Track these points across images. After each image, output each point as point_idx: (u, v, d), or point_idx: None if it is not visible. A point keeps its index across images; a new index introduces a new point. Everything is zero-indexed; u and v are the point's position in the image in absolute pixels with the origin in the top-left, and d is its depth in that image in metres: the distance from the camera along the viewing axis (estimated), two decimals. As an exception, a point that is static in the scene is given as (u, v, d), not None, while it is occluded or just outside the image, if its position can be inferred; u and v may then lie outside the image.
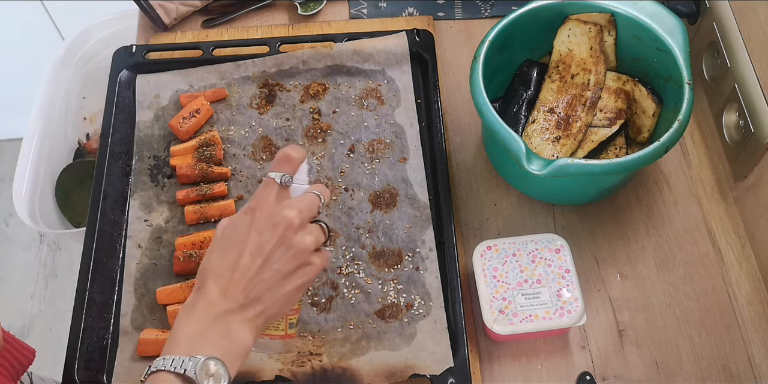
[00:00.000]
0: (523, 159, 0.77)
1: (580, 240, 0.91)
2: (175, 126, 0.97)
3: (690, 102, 0.81)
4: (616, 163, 0.78)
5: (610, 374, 0.83)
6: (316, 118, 0.99)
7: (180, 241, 0.90)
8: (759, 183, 0.87)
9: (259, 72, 1.02)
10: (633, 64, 0.92)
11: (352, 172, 0.95)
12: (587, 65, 0.91)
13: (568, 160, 0.77)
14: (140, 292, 0.88)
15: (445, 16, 1.12)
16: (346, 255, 0.89)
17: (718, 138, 0.95)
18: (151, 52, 1.05)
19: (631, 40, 0.90)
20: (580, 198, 0.93)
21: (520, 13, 0.88)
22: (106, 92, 1.01)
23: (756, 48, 0.84)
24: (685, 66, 0.83)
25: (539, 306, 0.79)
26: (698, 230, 0.92)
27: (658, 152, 0.79)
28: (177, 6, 1.10)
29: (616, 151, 0.91)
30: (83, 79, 1.75)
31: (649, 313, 0.86)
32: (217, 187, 0.93)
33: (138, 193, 0.94)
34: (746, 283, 0.88)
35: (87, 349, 0.83)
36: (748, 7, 0.85)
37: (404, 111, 0.99)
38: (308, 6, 1.12)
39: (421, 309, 0.85)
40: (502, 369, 0.84)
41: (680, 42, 0.85)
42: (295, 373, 0.80)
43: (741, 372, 0.83)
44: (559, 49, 0.93)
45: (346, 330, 0.84)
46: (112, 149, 0.97)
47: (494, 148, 0.94)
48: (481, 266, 0.81)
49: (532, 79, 0.93)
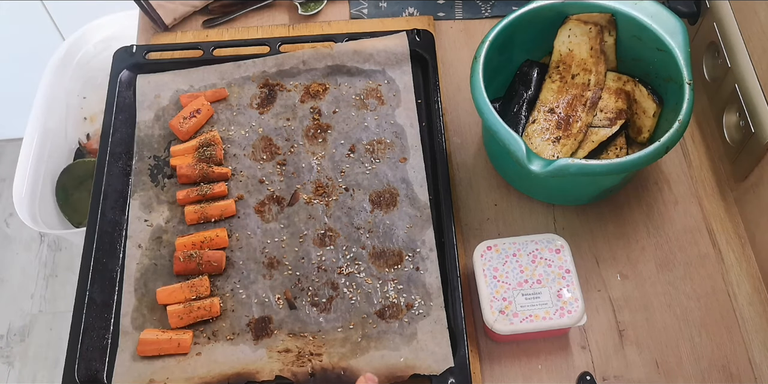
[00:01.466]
0: (524, 159, 0.77)
1: (580, 240, 0.91)
2: (176, 126, 0.97)
3: (690, 102, 0.81)
4: (616, 163, 0.78)
5: (611, 374, 0.83)
6: (317, 118, 0.99)
7: (180, 241, 0.90)
8: (759, 183, 0.87)
9: (259, 72, 1.02)
10: (633, 64, 0.92)
11: (352, 172, 0.95)
12: (587, 65, 0.91)
13: (568, 160, 0.77)
14: (140, 292, 0.88)
15: (446, 16, 1.12)
16: (346, 255, 0.89)
17: (719, 138, 0.95)
18: (151, 52, 1.05)
19: (631, 41, 0.90)
20: (581, 198, 0.93)
21: (521, 14, 0.88)
22: (107, 92, 1.01)
23: (756, 48, 0.84)
24: (686, 66, 0.83)
25: (539, 306, 0.79)
26: (698, 230, 0.92)
27: (659, 152, 0.79)
28: (177, 6, 1.10)
29: (616, 151, 0.91)
30: (83, 79, 1.75)
31: (649, 313, 0.87)
32: (218, 187, 0.93)
33: (138, 193, 0.94)
34: (746, 284, 0.88)
35: (87, 349, 0.83)
36: (748, 7, 0.85)
37: (404, 111, 0.99)
38: (308, 6, 1.12)
39: (422, 309, 0.85)
40: (502, 369, 0.84)
41: (680, 42, 0.85)
42: (295, 373, 0.80)
43: (741, 372, 0.83)
44: (559, 50, 0.93)
45: (346, 330, 0.84)
46: (113, 149, 0.97)
47: (495, 148, 0.94)
48: (482, 266, 0.81)
49: (533, 79, 0.93)
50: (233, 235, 0.91)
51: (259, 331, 0.85)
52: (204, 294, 0.86)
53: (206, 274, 0.88)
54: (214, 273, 0.88)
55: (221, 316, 0.86)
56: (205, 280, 0.87)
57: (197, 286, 0.86)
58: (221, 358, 0.82)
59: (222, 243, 0.90)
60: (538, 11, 0.89)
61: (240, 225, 0.92)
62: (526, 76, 0.94)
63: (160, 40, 1.10)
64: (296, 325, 0.85)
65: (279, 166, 0.96)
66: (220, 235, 0.90)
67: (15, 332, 1.84)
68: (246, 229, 0.91)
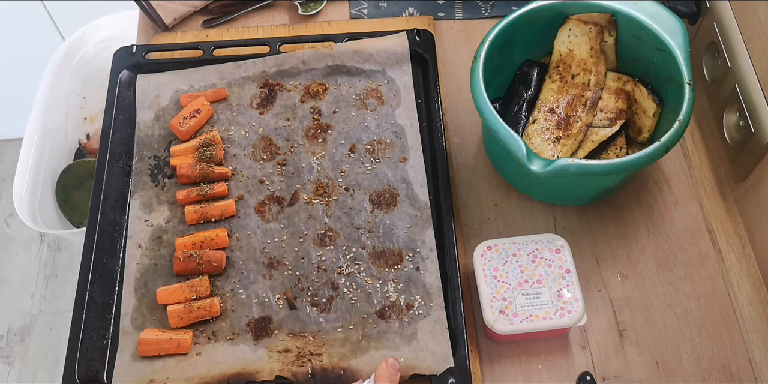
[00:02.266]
0: (524, 159, 0.77)
1: (580, 240, 0.91)
2: (176, 126, 0.97)
3: (690, 102, 0.81)
4: (616, 163, 0.78)
5: (611, 374, 0.83)
6: (317, 118, 0.99)
7: (180, 241, 0.90)
8: (759, 183, 0.87)
9: (259, 72, 1.02)
10: (633, 64, 0.92)
11: (352, 172, 0.95)
12: (587, 65, 0.91)
13: (568, 160, 0.77)
14: (140, 292, 0.88)
15: (446, 16, 1.12)
16: (346, 255, 0.89)
17: (719, 138, 0.95)
18: (151, 52, 1.05)
19: (631, 40, 0.90)
20: (581, 198, 0.93)
21: (521, 14, 0.88)
22: (107, 92, 1.01)
23: (756, 48, 0.84)
24: (686, 66, 0.83)
25: (539, 306, 0.79)
26: (699, 230, 0.92)
27: (659, 152, 0.79)
28: (177, 6, 1.10)
29: (616, 151, 0.91)
30: (83, 79, 1.75)
31: (649, 313, 0.86)
32: (218, 187, 0.93)
33: (138, 193, 0.94)
34: (747, 284, 0.88)
35: (87, 349, 0.83)
36: (748, 7, 0.85)
37: (404, 111, 0.99)
38: (308, 6, 1.12)
39: (422, 309, 0.85)
40: (502, 369, 0.84)
41: (680, 42, 0.85)
42: (296, 373, 0.80)
43: (741, 372, 0.83)
44: (559, 50, 0.93)
45: (346, 330, 0.84)
46: (113, 149, 0.97)
47: (495, 148, 0.94)
48: (482, 266, 0.81)
49: (533, 79, 0.93)
50: (233, 235, 0.91)
51: (259, 331, 0.85)
52: (204, 294, 0.86)
53: (206, 274, 0.88)
54: (214, 273, 0.88)
55: (221, 316, 0.86)
56: (205, 280, 0.87)
57: (197, 286, 0.86)
58: (221, 358, 0.82)
59: (222, 243, 0.90)
60: (538, 11, 0.89)
61: (240, 225, 0.92)
62: (526, 76, 0.94)
63: (160, 40, 1.10)
64: (296, 325, 0.85)
65: (279, 166, 0.96)
66: (220, 235, 0.90)
67: (15, 332, 1.84)
68: (246, 229, 0.91)
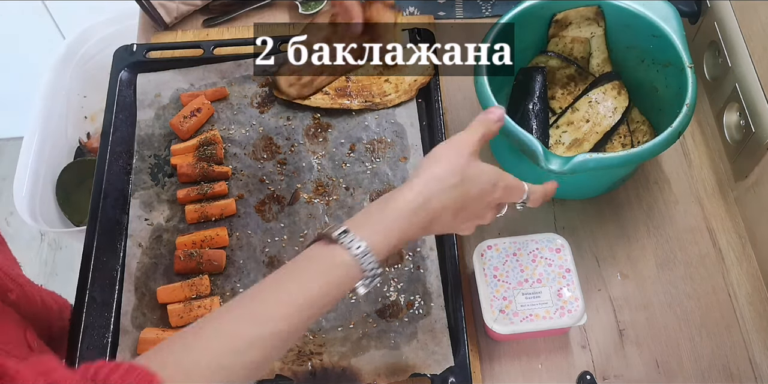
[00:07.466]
0: (542, 159, 0.77)
1: (580, 239, 0.91)
2: (176, 125, 0.97)
3: (694, 85, 0.81)
4: (633, 153, 0.77)
5: (611, 374, 0.83)
6: (317, 117, 0.99)
7: (181, 240, 0.90)
8: (760, 183, 0.87)
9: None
10: (627, 51, 0.92)
11: (352, 171, 0.95)
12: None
13: (586, 156, 0.76)
14: (141, 291, 0.88)
15: (446, 15, 1.12)
16: (346, 254, 0.89)
17: (719, 137, 0.95)
18: (151, 51, 1.05)
19: (622, 29, 0.90)
20: (593, 191, 0.93)
21: (514, 14, 0.88)
22: (107, 91, 1.01)
23: (757, 47, 0.84)
24: (684, 50, 0.83)
25: (539, 305, 0.79)
26: (699, 230, 0.92)
27: (672, 138, 0.78)
28: (178, 5, 1.10)
29: (621, 139, 0.91)
30: (84, 78, 1.75)
31: (649, 312, 0.86)
32: (218, 186, 0.93)
33: (139, 192, 0.94)
34: (747, 283, 0.88)
35: (87, 348, 0.83)
36: (749, 6, 0.85)
37: (405, 110, 0.99)
38: (309, 5, 1.12)
39: (422, 308, 0.85)
40: (502, 368, 0.84)
41: (675, 26, 0.85)
42: (296, 372, 0.80)
43: (741, 372, 0.83)
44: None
45: (346, 329, 0.84)
46: (113, 148, 0.97)
47: (501, 147, 0.94)
48: (482, 266, 0.81)
49: (536, 84, 0.93)
50: (234, 234, 0.91)
51: (260, 330, 0.84)
52: (204, 293, 0.86)
53: (206, 273, 0.88)
54: (215, 272, 0.88)
55: (221, 315, 0.86)
56: (205, 279, 0.87)
57: (197, 285, 0.86)
58: (221, 357, 0.82)
59: (222, 242, 0.90)
60: (530, 11, 0.89)
61: (240, 224, 0.92)
62: (528, 84, 0.93)
63: (160, 38, 1.10)
64: (296, 324, 0.85)
65: (279, 165, 0.96)
66: (220, 234, 0.90)
67: (15, 331, 1.84)
68: (246, 228, 0.91)
